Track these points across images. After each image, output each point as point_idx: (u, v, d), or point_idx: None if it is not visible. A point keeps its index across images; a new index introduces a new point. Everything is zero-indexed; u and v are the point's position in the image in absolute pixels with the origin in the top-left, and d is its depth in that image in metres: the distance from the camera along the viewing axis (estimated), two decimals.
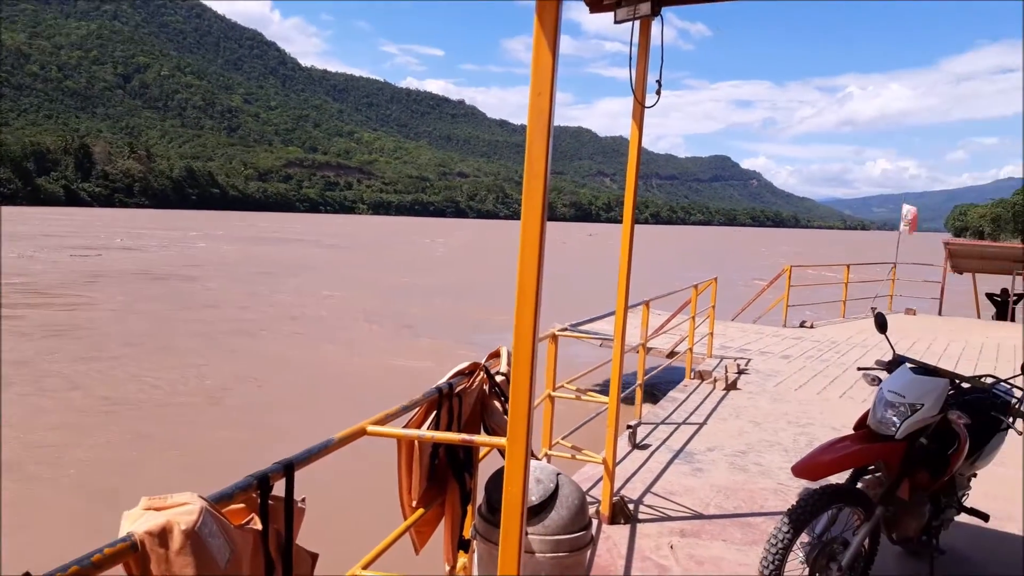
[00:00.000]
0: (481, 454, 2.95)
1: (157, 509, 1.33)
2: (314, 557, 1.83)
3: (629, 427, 5.78)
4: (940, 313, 15.28)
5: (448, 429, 2.44)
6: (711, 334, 9.38)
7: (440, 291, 24.99)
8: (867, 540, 3.18)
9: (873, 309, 4.50)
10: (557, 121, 2.31)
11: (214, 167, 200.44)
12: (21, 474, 6.97)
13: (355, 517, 5.99)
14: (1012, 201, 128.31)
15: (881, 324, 3.75)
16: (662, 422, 6.46)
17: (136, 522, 1.31)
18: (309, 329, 16.44)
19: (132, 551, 1.26)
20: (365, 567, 2.07)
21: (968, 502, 3.79)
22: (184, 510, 1.33)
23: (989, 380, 3.55)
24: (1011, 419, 3.57)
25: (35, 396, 9.72)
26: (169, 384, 10.71)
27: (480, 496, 2.71)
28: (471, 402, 2.61)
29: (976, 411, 3.53)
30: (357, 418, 2.19)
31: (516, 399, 1.78)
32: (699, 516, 4.39)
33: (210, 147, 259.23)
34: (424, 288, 25.85)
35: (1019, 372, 3.15)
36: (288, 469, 1.61)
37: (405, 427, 2.30)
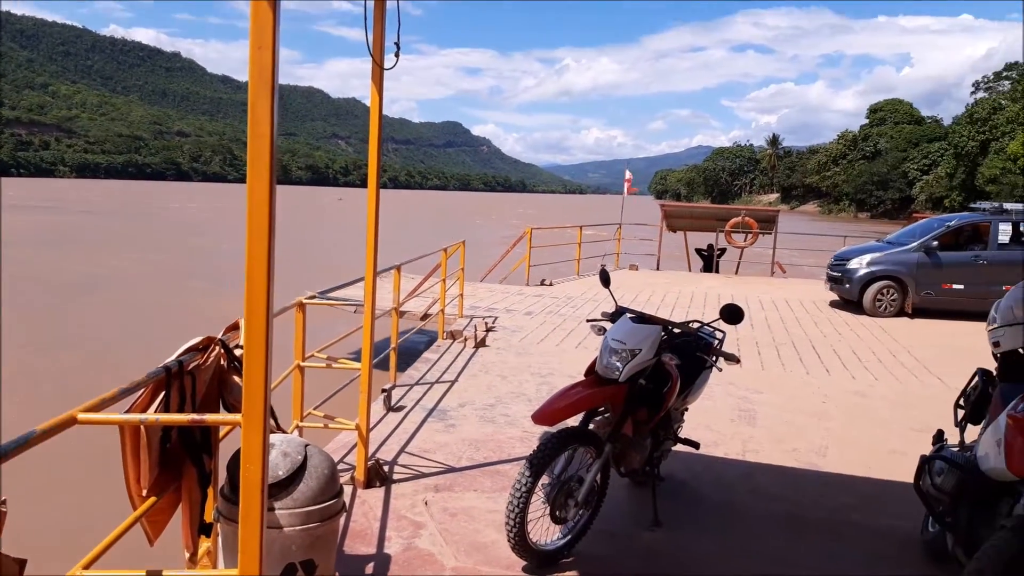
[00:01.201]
0: (222, 433, 2.79)
1: None
2: (21, 563, 1.62)
3: (384, 391, 5.81)
4: (658, 268, 17.20)
5: (180, 410, 2.26)
6: (461, 295, 9.70)
7: (228, 252, 25.35)
8: (599, 475, 3.49)
9: (602, 267, 4.96)
10: (286, 80, 2.20)
11: None
12: None
13: (79, 513, 5.38)
14: (703, 167, 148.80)
15: (604, 279, 4.14)
16: (416, 383, 6.58)
17: None
18: (131, 288, 16.39)
19: None
20: (87, 567, 1.87)
21: (682, 433, 4.36)
22: None
23: (695, 325, 4.09)
24: (714, 358, 4.14)
25: None
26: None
27: (223, 477, 2.57)
28: (206, 379, 2.44)
29: (685, 352, 4.03)
30: None
31: (251, 373, 1.70)
32: (452, 470, 4.56)
33: None
34: (213, 248, 26.58)
35: (719, 317, 3.62)
36: None
37: (127, 411, 2.09)
